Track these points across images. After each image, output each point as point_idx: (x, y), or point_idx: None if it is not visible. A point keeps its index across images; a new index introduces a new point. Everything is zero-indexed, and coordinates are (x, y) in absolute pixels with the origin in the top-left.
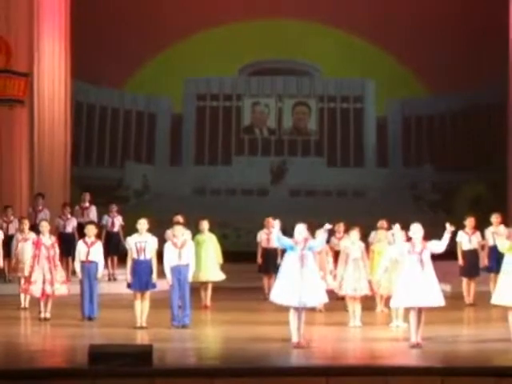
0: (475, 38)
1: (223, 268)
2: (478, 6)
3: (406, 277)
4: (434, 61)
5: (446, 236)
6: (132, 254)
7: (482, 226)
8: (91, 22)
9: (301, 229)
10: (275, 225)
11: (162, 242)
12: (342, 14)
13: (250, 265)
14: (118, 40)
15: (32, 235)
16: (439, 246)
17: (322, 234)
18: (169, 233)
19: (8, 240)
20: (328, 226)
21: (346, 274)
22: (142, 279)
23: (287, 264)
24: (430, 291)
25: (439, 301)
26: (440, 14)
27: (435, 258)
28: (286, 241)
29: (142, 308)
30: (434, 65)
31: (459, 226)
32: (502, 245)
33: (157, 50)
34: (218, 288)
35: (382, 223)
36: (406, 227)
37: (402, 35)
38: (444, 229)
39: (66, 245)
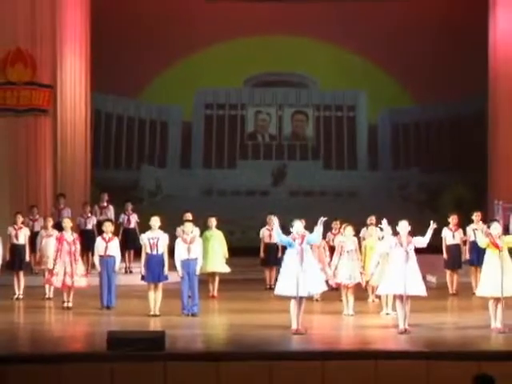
0: (457, 52)
1: (229, 261)
2: (459, 23)
3: (392, 268)
4: (420, 74)
5: (429, 232)
6: (145, 249)
7: (464, 223)
8: (109, 38)
9: (298, 225)
10: (274, 221)
11: (172, 237)
12: (337, 32)
13: (254, 258)
14: (134, 54)
15: (55, 232)
16: (423, 240)
17: (318, 228)
18: (179, 230)
19: (34, 236)
20: (323, 219)
21: (341, 264)
22: (154, 272)
23: (288, 259)
24: (413, 281)
25: (421, 290)
26: (425, 31)
27: (422, 251)
28: (286, 238)
29: (155, 298)
30: (419, 77)
31: (443, 223)
32: (481, 241)
33: (168, 64)
34: (224, 279)
35: (371, 219)
36: (394, 223)
37: (391, 51)
38: (429, 226)
39: (87, 241)
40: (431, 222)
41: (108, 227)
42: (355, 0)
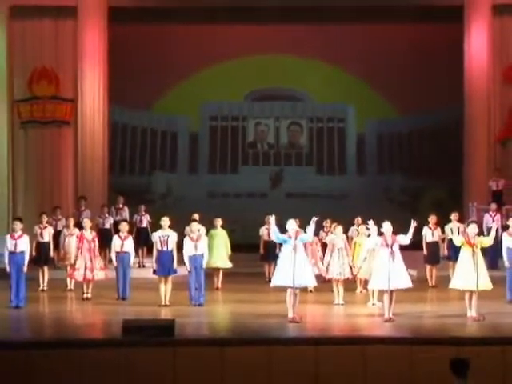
0: (436, 69)
1: (232, 257)
2: (438, 43)
3: (379, 265)
4: (402, 89)
5: (411, 230)
6: (157, 246)
7: (442, 222)
8: (125, 57)
9: (292, 223)
10: (271, 220)
11: (181, 235)
12: (328, 52)
13: (254, 254)
14: (147, 72)
15: (76, 231)
16: (406, 238)
17: (310, 227)
18: (187, 229)
19: (57, 235)
20: (315, 219)
21: (332, 260)
22: (165, 266)
23: (283, 255)
24: (400, 276)
25: (407, 283)
26: (407, 51)
27: (405, 248)
28: (281, 236)
29: (165, 290)
30: (402, 92)
31: (423, 222)
32: (457, 240)
33: (178, 80)
34: (227, 273)
35: (358, 219)
36: (379, 222)
37: (376, 68)
38: (410, 224)
39: (104, 239)
40: (412, 220)
41: (124, 227)
42: (344, 24)
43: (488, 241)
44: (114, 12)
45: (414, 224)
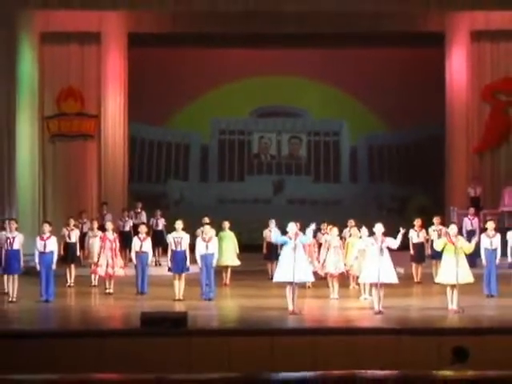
0: (421, 89)
1: (239, 256)
2: (422, 67)
3: (369, 261)
4: (391, 106)
5: (399, 236)
6: (171, 247)
7: (426, 225)
8: (142, 77)
9: (292, 226)
10: (271, 223)
11: (193, 237)
12: (325, 73)
13: (258, 254)
14: (162, 91)
15: (99, 233)
16: (394, 243)
17: (309, 232)
18: (199, 231)
19: (82, 236)
20: (313, 227)
21: (328, 257)
22: (178, 265)
23: (284, 254)
24: (387, 272)
25: (393, 279)
26: (395, 72)
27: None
28: (281, 238)
29: (179, 286)
30: (390, 109)
31: (410, 225)
32: (437, 245)
33: (190, 99)
34: (235, 271)
35: (351, 222)
36: (370, 225)
37: (368, 88)
38: (398, 228)
39: (124, 239)
40: (400, 228)
41: (143, 229)
42: (339, 49)
43: (469, 248)
44: (133, 38)
45: (402, 231)
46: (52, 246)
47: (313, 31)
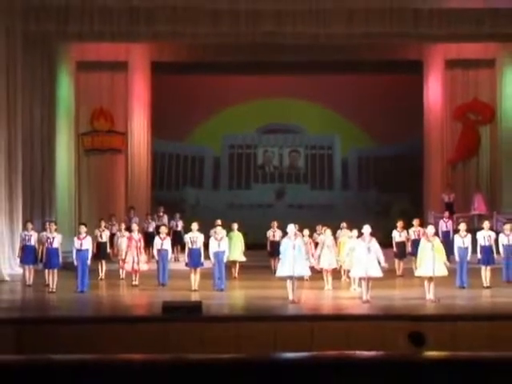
0: (402, 108)
1: (246, 253)
2: (403, 90)
3: (358, 258)
4: (377, 124)
5: (383, 264)
6: (188, 245)
7: (407, 226)
8: (164, 99)
9: (291, 228)
10: (273, 225)
11: (207, 237)
12: (320, 96)
13: (263, 251)
14: (181, 112)
15: (126, 233)
16: (381, 258)
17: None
18: (212, 231)
19: (112, 236)
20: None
21: (323, 255)
22: (194, 260)
23: (285, 251)
24: (373, 267)
25: (378, 273)
26: (380, 95)
27: (380, 246)
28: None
29: (195, 278)
30: (376, 127)
31: (393, 226)
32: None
33: (205, 118)
34: (242, 266)
35: (343, 224)
36: (359, 227)
37: (357, 108)
38: (383, 229)
39: (148, 239)
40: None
41: (163, 230)
42: (332, 75)
43: (440, 250)
44: (156, 66)
45: (385, 265)
46: (87, 244)
47: (309, 60)
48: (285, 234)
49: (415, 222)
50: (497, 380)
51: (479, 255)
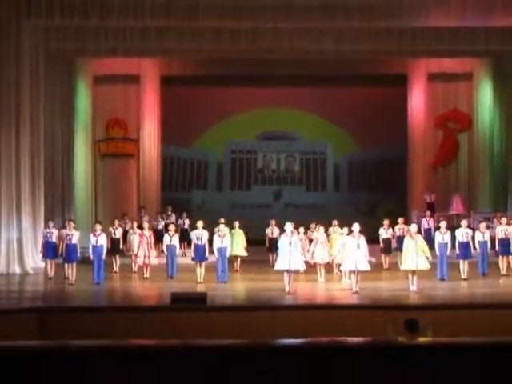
0: (388, 117)
1: (247, 249)
2: (389, 101)
3: (348, 253)
4: (366, 131)
5: (368, 259)
6: (194, 241)
7: (393, 224)
8: (172, 109)
9: (288, 226)
10: (271, 223)
11: (211, 234)
12: (314, 106)
13: (262, 247)
14: (187, 120)
15: (138, 230)
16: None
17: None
18: (216, 229)
19: (125, 233)
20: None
21: (317, 250)
22: (200, 255)
23: (282, 247)
24: (362, 261)
25: (366, 267)
26: (368, 106)
27: (368, 242)
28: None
29: (200, 271)
30: (365, 134)
31: (380, 224)
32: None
33: (209, 126)
34: (243, 260)
35: (334, 222)
36: (349, 225)
37: (348, 118)
38: (371, 227)
39: (158, 236)
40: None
41: (172, 228)
42: (325, 87)
43: (422, 246)
44: (165, 79)
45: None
46: (102, 240)
47: (304, 74)
48: (282, 231)
49: (400, 220)
50: (474, 362)
51: (458, 250)
